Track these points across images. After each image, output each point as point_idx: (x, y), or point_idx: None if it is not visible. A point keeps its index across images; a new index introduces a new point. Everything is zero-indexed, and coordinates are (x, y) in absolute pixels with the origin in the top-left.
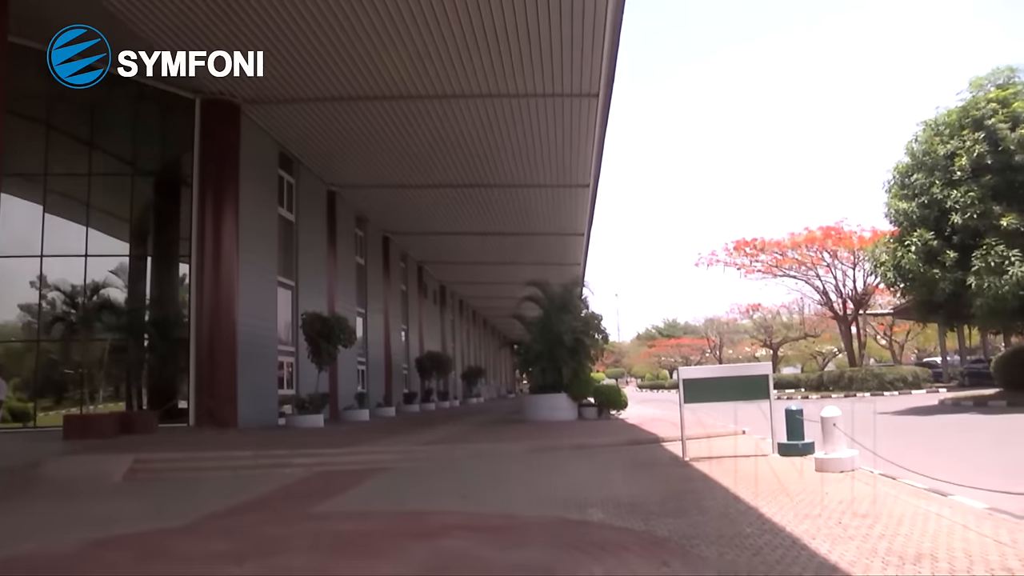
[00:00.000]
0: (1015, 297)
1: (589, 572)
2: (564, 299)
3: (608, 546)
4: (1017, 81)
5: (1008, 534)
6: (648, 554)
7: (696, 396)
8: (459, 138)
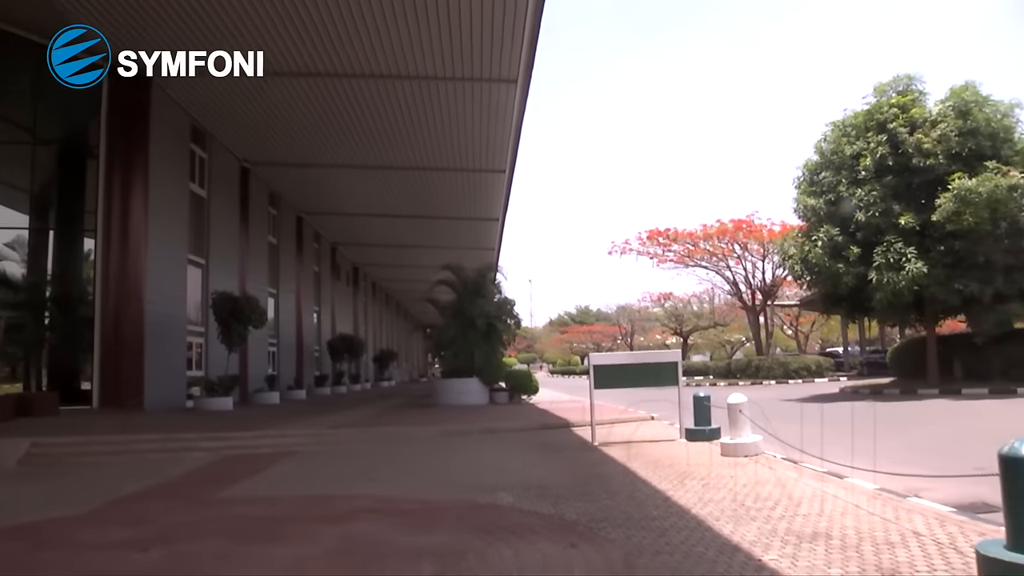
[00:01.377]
0: (911, 292)
1: (498, 555)
2: (478, 284)
3: (517, 529)
4: (915, 88)
5: (893, 512)
6: (557, 537)
7: (606, 382)
8: (376, 119)
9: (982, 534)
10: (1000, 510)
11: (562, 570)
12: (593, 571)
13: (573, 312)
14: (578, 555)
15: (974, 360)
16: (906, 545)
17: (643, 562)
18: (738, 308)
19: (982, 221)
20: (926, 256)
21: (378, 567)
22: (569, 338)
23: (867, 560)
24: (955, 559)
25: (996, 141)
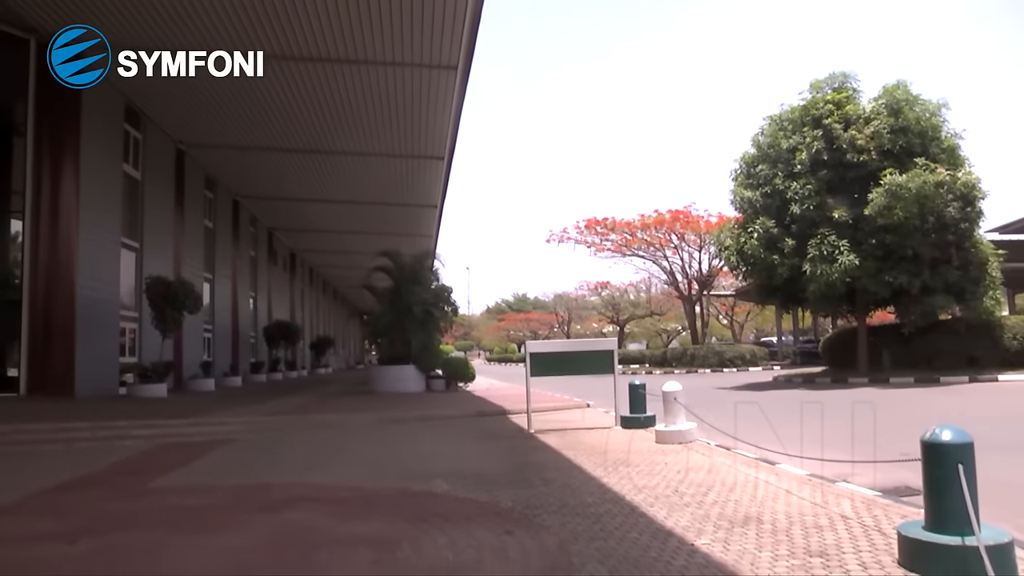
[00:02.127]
0: (843, 284)
1: (433, 542)
2: (415, 270)
3: (453, 516)
4: (849, 86)
5: (822, 496)
6: (492, 524)
7: (543, 369)
8: (314, 102)
9: (904, 516)
10: (922, 493)
11: (497, 557)
12: (528, 557)
13: (510, 300)
14: (513, 542)
15: (901, 350)
16: (834, 528)
17: (578, 548)
18: (674, 297)
19: (911, 216)
20: (858, 249)
21: (313, 556)
22: (506, 326)
23: (796, 543)
24: (879, 540)
25: (925, 139)
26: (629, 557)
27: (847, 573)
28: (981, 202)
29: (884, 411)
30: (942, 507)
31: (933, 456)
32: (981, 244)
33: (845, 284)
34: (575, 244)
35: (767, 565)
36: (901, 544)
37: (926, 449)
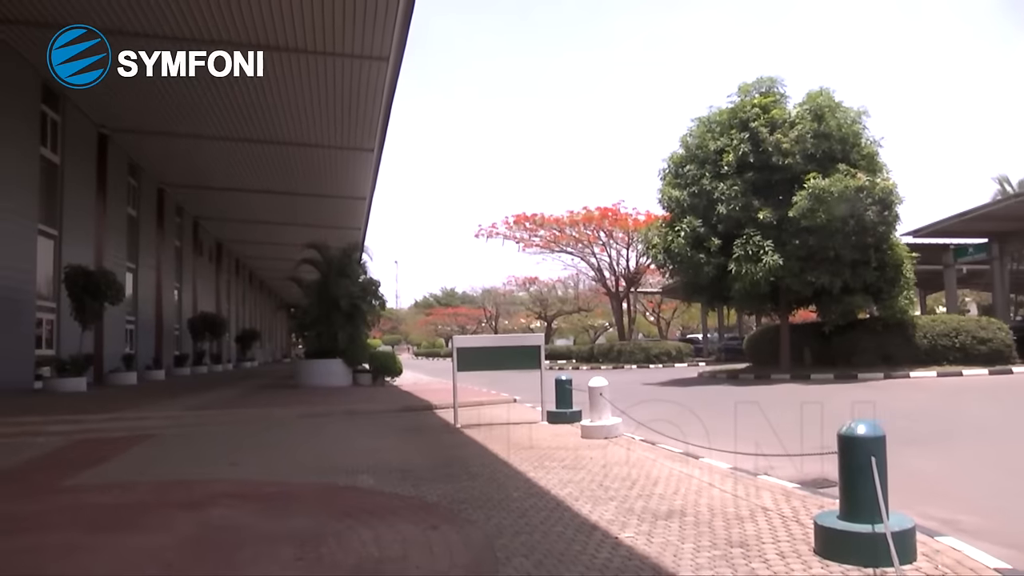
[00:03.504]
0: (767, 283)
1: (359, 538)
2: (343, 263)
3: (378, 511)
4: (776, 91)
5: (744, 489)
6: (417, 519)
7: (470, 364)
8: (243, 90)
9: (821, 507)
10: (838, 485)
11: (422, 552)
12: (453, 552)
13: (439, 294)
14: (439, 537)
15: (822, 348)
16: (754, 519)
17: (503, 542)
18: (602, 294)
19: (833, 219)
20: (782, 249)
21: (236, 554)
22: (434, 320)
23: (718, 535)
24: (796, 530)
25: (846, 145)
26: (554, 551)
27: (766, 563)
28: (898, 207)
29: (804, 406)
30: (855, 497)
31: (848, 449)
32: (897, 247)
33: (769, 283)
34: (504, 239)
35: (689, 556)
36: (817, 533)
37: (842, 442)
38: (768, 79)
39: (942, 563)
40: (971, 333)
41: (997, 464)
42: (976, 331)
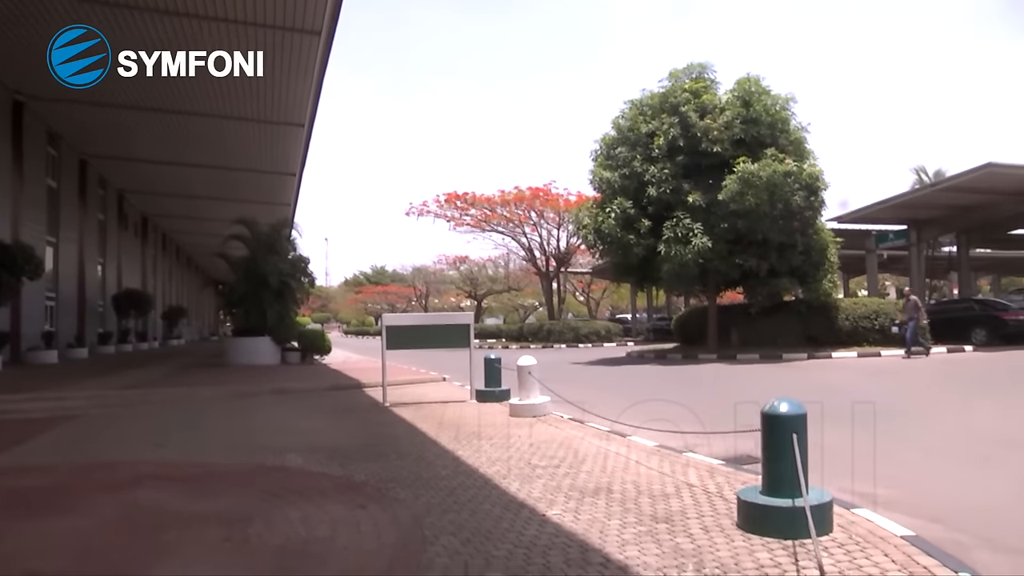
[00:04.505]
0: (696, 264)
1: (286, 518)
2: (272, 240)
3: (306, 492)
4: (706, 77)
5: (669, 466)
6: (345, 498)
7: (399, 343)
8: None
9: (744, 482)
10: (760, 461)
11: (350, 531)
12: (381, 531)
13: (369, 272)
14: (367, 516)
15: (749, 328)
16: (679, 495)
17: (431, 521)
18: (532, 274)
19: (761, 203)
20: (711, 232)
21: (162, 536)
22: (364, 298)
23: (644, 511)
24: (720, 505)
25: (774, 130)
26: (482, 529)
27: (690, 537)
28: (823, 193)
29: (730, 385)
30: (777, 473)
31: (771, 427)
32: (822, 231)
33: (698, 265)
34: (435, 218)
35: (615, 533)
36: (740, 508)
37: (765, 420)
38: (698, 65)
39: (856, 533)
40: (890, 316)
41: (911, 440)
42: (895, 314)
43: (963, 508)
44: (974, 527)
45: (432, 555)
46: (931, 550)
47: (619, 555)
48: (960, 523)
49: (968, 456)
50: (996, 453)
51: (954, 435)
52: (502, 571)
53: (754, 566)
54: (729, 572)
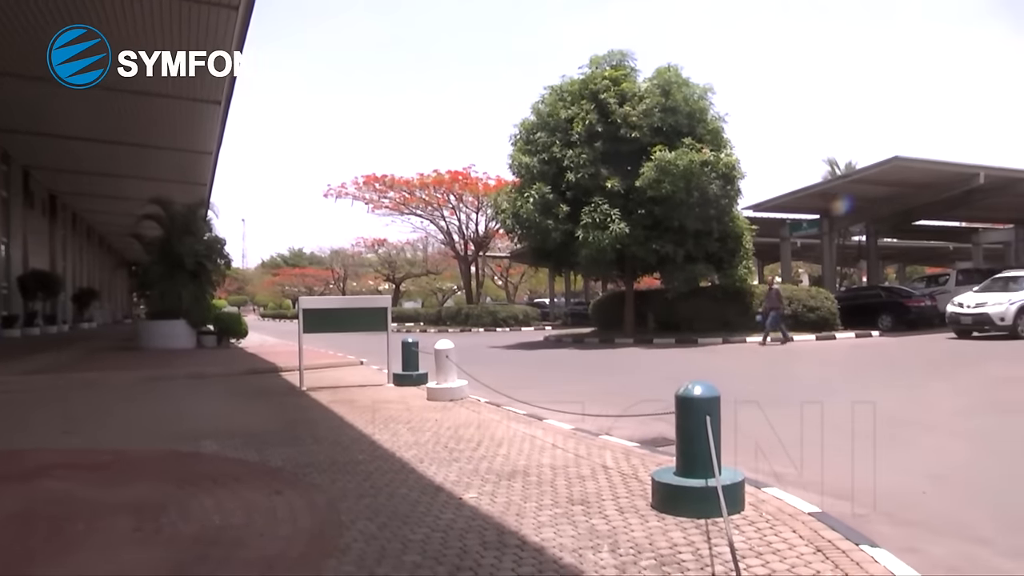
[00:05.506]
0: (613, 250)
1: (200, 505)
2: (187, 220)
3: (221, 478)
4: (626, 64)
5: (586, 449)
6: (261, 484)
7: (316, 326)
8: None
9: (659, 464)
10: (675, 443)
11: (266, 518)
12: (297, 517)
13: (286, 254)
14: (283, 502)
15: (665, 313)
16: (595, 478)
17: (347, 506)
18: (451, 257)
19: (678, 190)
20: (628, 218)
21: (69, 527)
22: (281, 281)
23: (560, 493)
24: (636, 487)
25: (692, 120)
26: (399, 513)
27: (605, 518)
28: (740, 182)
29: (646, 369)
30: (691, 454)
31: (685, 409)
32: (738, 219)
33: (615, 250)
34: (353, 200)
35: (532, 515)
36: (655, 489)
37: (679, 403)
38: (619, 52)
39: (766, 511)
40: (802, 302)
41: (820, 421)
42: (806, 300)
43: (867, 485)
44: (878, 503)
45: (349, 540)
46: (836, 525)
47: (535, 537)
48: (864, 499)
49: (873, 435)
50: (900, 432)
51: (861, 416)
52: (419, 555)
53: (668, 545)
54: (643, 551)
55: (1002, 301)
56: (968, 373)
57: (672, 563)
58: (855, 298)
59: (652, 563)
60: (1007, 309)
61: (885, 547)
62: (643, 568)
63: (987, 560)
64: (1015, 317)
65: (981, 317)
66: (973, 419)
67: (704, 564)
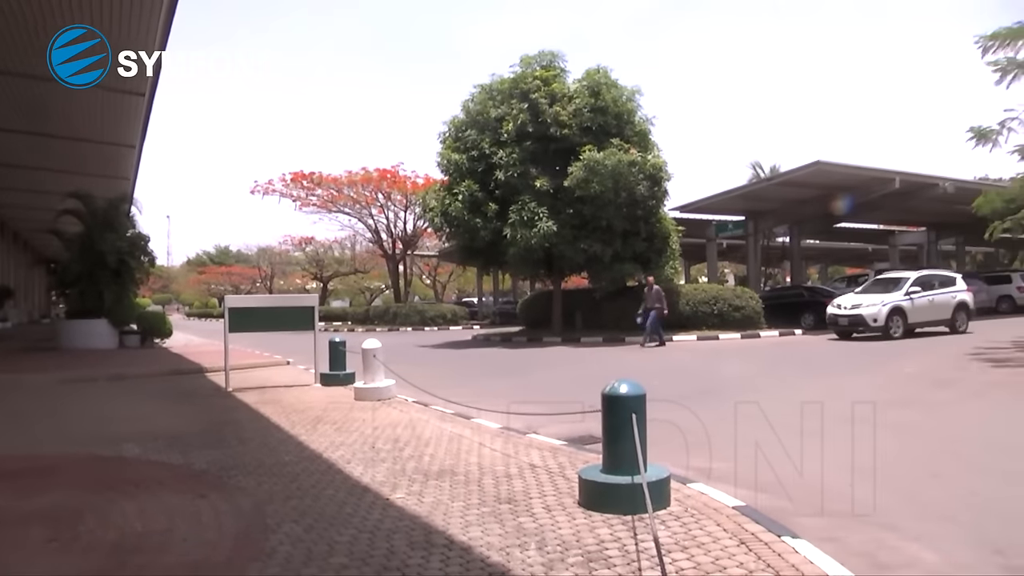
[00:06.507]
0: (541, 249)
1: (121, 512)
2: (109, 216)
3: (143, 482)
4: (557, 65)
5: (513, 448)
6: (185, 488)
7: (243, 325)
8: None
9: (586, 462)
10: (602, 441)
11: (190, 523)
12: (222, 521)
13: (212, 252)
14: (207, 505)
15: (593, 312)
16: (522, 476)
17: (273, 508)
18: (379, 256)
19: (606, 190)
20: (557, 217)
21: None
22: (208, 279)
23: (487, 492)
24: (563, 484)
25: (620, 121)
26: (325, 514)
27: (533, 516)
28: (667, 183)
29: (573, 368)
30: (617, 452)
31: (611, 407)
32: (665, 220)
33: (543, 249)
34: (280, 197)
35: (459, 515)
36: (581, 487)
37: (605, 401)
38: (549, 53)
39: (691, 506)
40: (728, 301)
41: (745, 417)
42: (732, 299)
43: (789, 478)
44: (798, 495)
45: (275, 543)
46: (759, 518)
47: (462, 536)
48: (786, 492)
49: (795, 430)
50: (821, 427)
51: (784, 411)
52: (345, 556)
53: (595, 541)
54: (570, 548)
55: (876, 303)
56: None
57: (599, 559)
58: (779, 297)
59: (579, 560)
60: (880, 310)
61: (805, 537)
62: (570, 565)
63: (895, 544)
64: (887, 318)
65: (856, 318)
66: (888, 412)
67: (631, 560)
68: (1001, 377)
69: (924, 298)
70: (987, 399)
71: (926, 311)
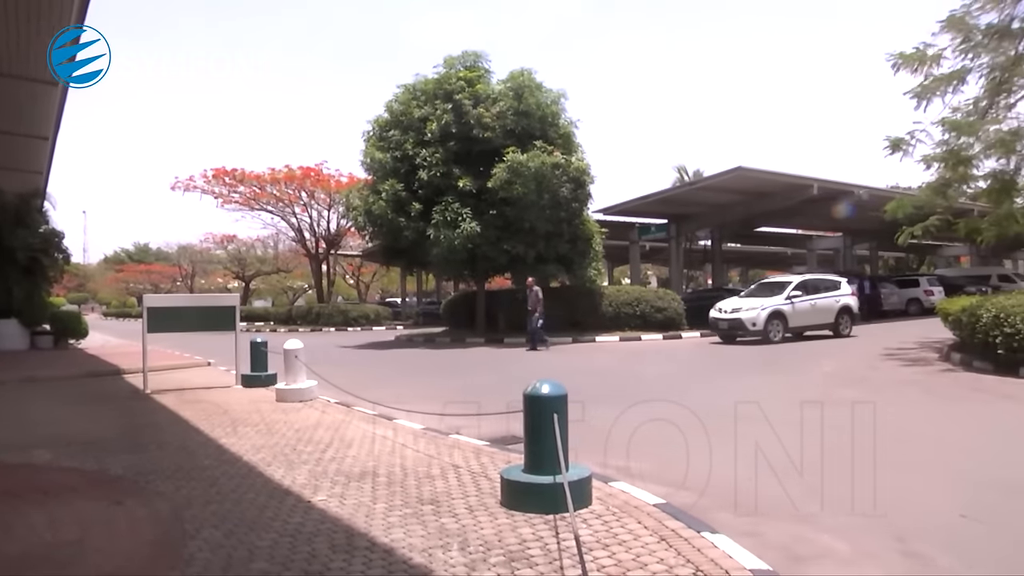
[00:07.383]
0: (465, 249)
1: (28, 522)
2: (20, 211)
3: (54, 490)
4: (481, 66)
5: (436, 448)
6: (100, 494)
7: (162, 325)
8: None
9: (508, 462)
10: (524, 441)
11: (104, 531)
12: (138, 528)
13: (131, 249)
14: (123, 513)
15: (516, 313)
16: (445, 477)
17: (192, 513)
18: (302, 255)
19: (529, 192)
20: (480, 218)
21: None
22: (126, 278)
23: (410, 493)
24: (485, 485)
25: (544, 124)
26: (246, 518)
27: (455, 517)
28: (590, 185)
29: (496, 368)
30: (539, 451)
31: (533, 407)
32: (588, 222)
33: (467, 250)
34: (201, 194)
35: (381, 516)
36: (504, 487)
37: (527, 401)
38: (473, 54)
39: (613, 504)
40: (650, 302)
41: (665, 416)
42: (654, 301)
43: (709, 476)
44: (717, 492)
45: (193, 550)
46: (679, 515)
47: (385, 538)
48: (706, 490)
49: (715, 429)
50: (739, 426)
51: (704, 410)
52: (266, 561)
53: (517, 541)
54: (493, 548)
55: (755, 307)
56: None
57: (521, 559)
58: (701, 299)
59: (501, 559)
60: (759, 315)
61: (725, 533)
62: (492, 565)
63: (810, 537)
64: (765, 322)
65: (735, 322)
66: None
67: (552, 558)
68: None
69: (806, 302)
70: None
71: (808, 315)
